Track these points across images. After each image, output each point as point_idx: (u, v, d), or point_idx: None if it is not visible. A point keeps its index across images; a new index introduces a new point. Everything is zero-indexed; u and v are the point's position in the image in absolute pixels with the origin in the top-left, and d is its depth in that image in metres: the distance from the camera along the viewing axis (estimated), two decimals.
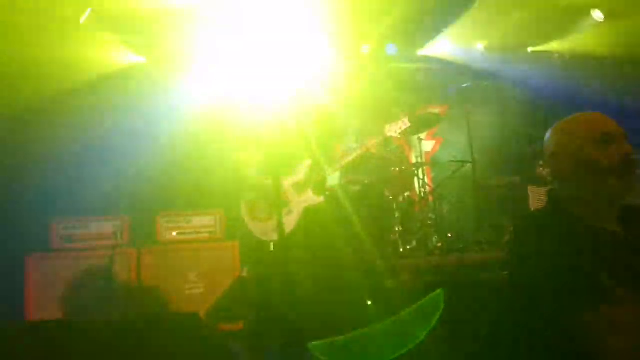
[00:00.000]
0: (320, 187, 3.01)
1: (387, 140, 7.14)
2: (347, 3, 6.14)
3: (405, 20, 6.44)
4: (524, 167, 6.09)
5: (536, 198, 5.65)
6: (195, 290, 4.26)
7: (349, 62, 6.91)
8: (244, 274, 4.27)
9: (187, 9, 5.67)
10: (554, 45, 7.15)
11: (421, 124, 5.51)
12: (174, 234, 4.49)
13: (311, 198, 2.93)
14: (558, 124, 1.59)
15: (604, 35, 6.41)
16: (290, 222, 2.86)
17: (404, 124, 3.16)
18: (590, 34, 6.57)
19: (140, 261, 4.24)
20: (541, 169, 5.66)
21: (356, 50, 6.92)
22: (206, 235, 4.48)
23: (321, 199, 2.93)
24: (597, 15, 6.33)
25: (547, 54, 7.24)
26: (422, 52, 7.12)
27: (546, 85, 6.87)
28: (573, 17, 6.57)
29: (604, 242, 1.40)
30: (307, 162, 2.98)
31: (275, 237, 2.70)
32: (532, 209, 5.48)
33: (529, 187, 5.69)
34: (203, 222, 4.52)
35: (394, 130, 3.15)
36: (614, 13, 6.19)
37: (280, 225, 2.22)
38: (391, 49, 6.96)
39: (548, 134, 1.60)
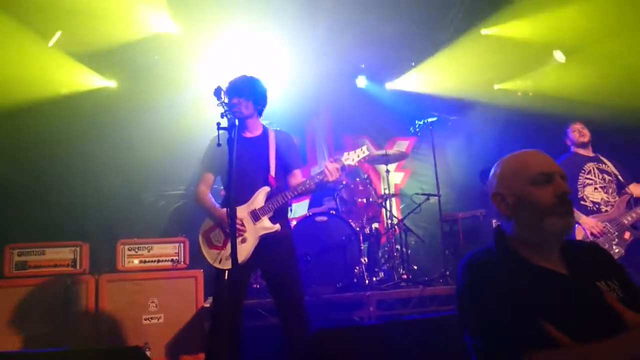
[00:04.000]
0: (280, 215, 2.95)
1: (356, 171, 7.26)
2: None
3: (376, 54, 6.59)
4: (489, 200, 6.17)
5: None
6: (155, 320, 4.14)
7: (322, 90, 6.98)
8: (207, 304, 4.19)
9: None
10: (518, 83, 7.39)
11: (389, 158, 5.58)
12: (136, 261, 4.38)
13: (267, 227, 2.87)
14: (499, 163, 1.59)
15: (565, 76, 6.62)
16: (245, 250, 2.79)
17: (362, 152, 3.13)
18: (553, 74, 6.81)
19: (99, 290, 4.11)
20: None
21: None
22: (168, 263, 4.40)
23: (277, 227, 2.87)
24: (559, 56, 6.59)
25: (512, 91, 7.47)
26: (390, 85, 7.26)
27: (510, 121, 7.05)
28: (536, 56, 6.82)
29: (546, 284, 1.40)
30: (265, 190, 2.93)
31: (228, 265, 2.62)
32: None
33: (494, 220, 5.78)
34: (166, 250, 4.43)
35: (352, 158, 3.11)
36: (575, 55, 6.42)
37: (233, 254, 2.17)
38: (361, 82, 7.06)
39: (491, 173, 1.61)
